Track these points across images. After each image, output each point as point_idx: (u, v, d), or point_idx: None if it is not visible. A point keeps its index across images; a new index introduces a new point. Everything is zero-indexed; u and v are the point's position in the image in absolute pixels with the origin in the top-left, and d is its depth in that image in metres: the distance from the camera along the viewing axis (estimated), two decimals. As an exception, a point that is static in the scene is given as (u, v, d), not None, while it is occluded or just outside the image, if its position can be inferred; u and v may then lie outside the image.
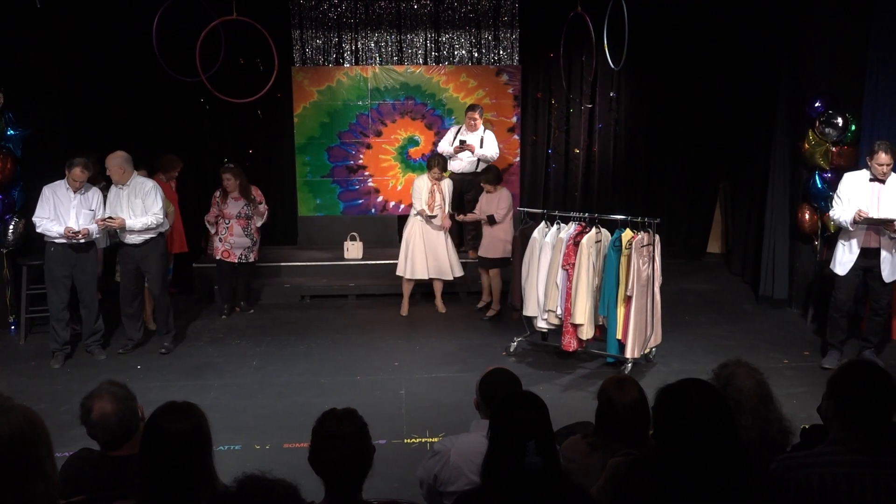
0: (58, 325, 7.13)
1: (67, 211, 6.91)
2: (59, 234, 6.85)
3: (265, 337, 7.85)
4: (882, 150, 6.43)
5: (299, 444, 5.39)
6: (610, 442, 3.29)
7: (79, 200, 6.95)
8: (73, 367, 7.08)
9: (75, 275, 7.08)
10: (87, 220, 6.97)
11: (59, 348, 7.16)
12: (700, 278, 9.63)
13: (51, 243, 6.97)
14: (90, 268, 7.16)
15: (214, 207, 8.31)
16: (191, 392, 6.49)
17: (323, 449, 2.65)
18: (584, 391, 6.36)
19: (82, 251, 7.06)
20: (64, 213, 6.89)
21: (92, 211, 7.01)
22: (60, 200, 6.91)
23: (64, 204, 6.91)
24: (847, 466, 2.67)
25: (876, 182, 6.51)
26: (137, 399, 3.16)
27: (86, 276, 7.12)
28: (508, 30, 10.30)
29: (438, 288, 8.52)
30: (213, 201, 8.32)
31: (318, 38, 10.18)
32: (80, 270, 7.08)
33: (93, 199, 7.04)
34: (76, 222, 6.90)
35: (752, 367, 3.32)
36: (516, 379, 3.53)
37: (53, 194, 6.91)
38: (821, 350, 7.19)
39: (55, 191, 6.93)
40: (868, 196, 6.53)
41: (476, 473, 2.87)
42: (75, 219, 6.91)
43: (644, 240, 6.53)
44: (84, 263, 7.09)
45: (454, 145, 9.02)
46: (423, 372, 6.93)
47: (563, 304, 6.71)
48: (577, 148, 10.59)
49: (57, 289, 7.06)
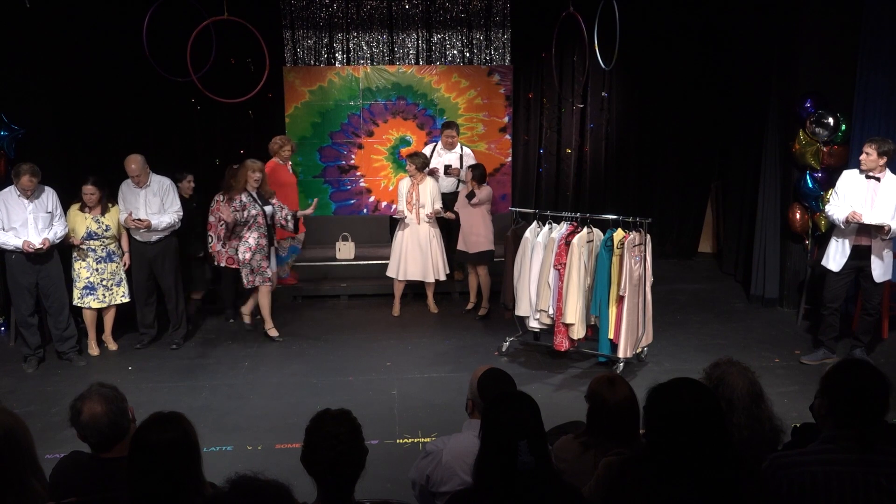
0: (27, 332, 6.98)
1: (23, 218, 6.71)
2: (16, 248, 6.66)
3: (257, 338, 7.83)
4: (867, 144, 6.55)
5: (291, 445, 5.39)
6: (602, 441, 3.30)
7: (34, 206, 6.77)
8: (64, 368, 7.05)
9: (40, 282, 6.90)
10: (46, 223, 6.81)
11: (32, 353, 7.04)
12: (691, 278, 9.65)
13: (11, 252, 6.76)
14: (55, 273, 6.97)
15: (219, 213, 7.60)
16: (182, 393, 6.47)
17: (316, 449, 2.66)
18: (575, 391, 6.36)
19: (44, 258, 6.86)
20: (19, 222, 6.69)
21: (49, 213, 6.84)
22: (14, 208, 6.71)
23: (18, 212, 6.71)
24: (839, 464, 2.68)
25: (872, 180, 6.55)
26: (127, 400, 3.14)
27: (52, 280, 6.94)
28: (500, 30, 10.31)
29: (430, 288, 8.52)
30: (214, 206, 7.63)
31: (310, 38, 10.17)
32: (45, 276, 6.90)
33: (48, 201, 6.85)
34: (35, 229, 6.73)
35: (743, 366, 3.33)
36: (510, 378, 3.53)
37: (5, 203, 6.71)
38: (813, 346, 7.22)
39: (6, 199, 6.73)
40: (863, 194, 6.57)
41: (468, 473, 2.87)
42: (34, 224, 6.74)
43: (636, 239, 6.54)
44: (49, 269, 6.91)
45: (435, 168, 8.76)
46: (416, 372, 6.93)
47: (554, 304, 6.71)
48: (568, 148, 10.60)
49: (23, 296, 6.88)
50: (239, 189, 7.35)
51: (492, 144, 10.38)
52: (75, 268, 7.15)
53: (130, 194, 7.22)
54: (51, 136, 8.25)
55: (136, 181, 7.19)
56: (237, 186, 7.37)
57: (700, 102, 10.08)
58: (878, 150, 6.48)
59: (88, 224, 7.06)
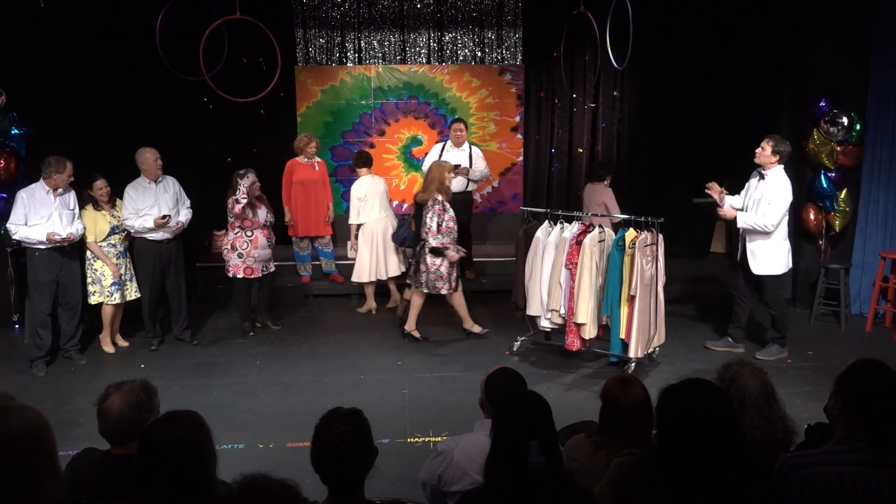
0: (44, 332, 6.94)
1: (49, 213, 6.73)
2: (41, 241, 6.67)
3: (268, 336, 7.85)
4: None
5: (302, 444, 5.38)
6: (613, 441, 3.29)
7: (59, 202, 6.81)
8: (77, 366, 7.08)
9: (61, 279, 6.91)
10: (69, 220, 6.86)
11: (42, 356, 6.97)
12: (704, 277, 9.60)
13: (35, 248, 6.77)
14: (75, 270, 7.01)
15: (238, 220, 7.50)
16: (194, 391, 6.50)
17: (321, 447, 2.66)
18: (587, 391, 6.35)
19: (67, 254, 6.91)
20: (45, 217, 6.70)
21: (71, 211, 6.89)
22: (42, 204, 6.72)
23: (44, 207, 6.72)
24: (853, 465, 2.67)
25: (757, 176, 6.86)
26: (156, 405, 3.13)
27: (71, 277, 6.97)
28: (511, 29, 10.30)
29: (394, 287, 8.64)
30: (235, 213, 7.45)
31: (322, 38, 10.19)
32: (66, 273, 6.93)
33: (70, 200, 6.91)
34: (60, 225, 6.76)
35: (756, 366, 3.32)
36: (521, 378, 3.52)
37: (31, 199, 6.71)
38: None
39: (31, 195, 6.73)
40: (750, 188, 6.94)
41: (479, 473, 2.87)
42: (59, 220, 6.76)
43: (647, 239, 6.52)
44: (69, 266, 6.94)
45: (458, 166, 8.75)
46: (426, 371, 6.92)
47: (566, 304, 6.70)
48: (580, 147, 10.58)
49: (43, 294, 6.87)
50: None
51: (503, 144, 10.37)
52: (96, 267, 7.13)
53: (141, 194, 7.17)
54: (62, 135, 8.29)
55: (156, 170, 7.17)
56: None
57: (712, 101, 10.02)
58: (773, 149, 6.66)
59: (109, 220, 7.12)
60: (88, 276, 7.15)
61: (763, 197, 6.68)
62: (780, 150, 6.64)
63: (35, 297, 6.93)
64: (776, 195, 6.63)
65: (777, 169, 6.68)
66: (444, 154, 8.86)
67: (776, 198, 6.63)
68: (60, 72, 8.30)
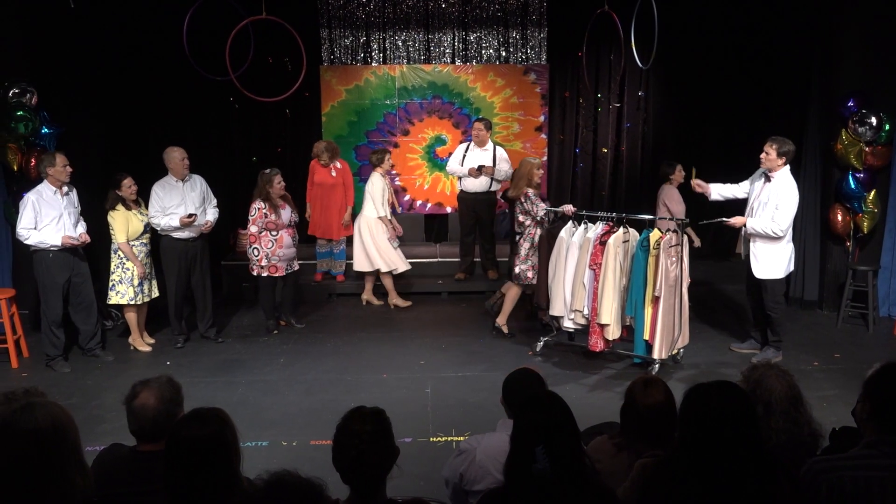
0: (59, 331, 6.99)
1: (58, 213, 6.74)
2: (53, 245, 6.70)
3: (292, 334, 7.90)
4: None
5: (326, 441, 5.39)
6: (635, 443, 3.27)
7: (67, 201, 6.84)
8: (105, 362, 7.16)
9: (73, 279, 6.95)
10: (76, 219, 6.92)
11: (60, 354, 7.03)
12: (728, 279, 9.52)
13: (48, 250, 6.76)
14: (86, 270, 7.05)
15: (262, 220, 7.54)
16: (218, 388, 6.55)
17: (340, 446, 2.67)
18: (610, 391, 6.33)
19: (79, 254, 6.96)
20: (55, 218, 6.71)
21: (77, 208, 6.95)
22: (50, 205, 6.71)
23: (55, 208, 6.73)
24: (882, 470, 2.63)
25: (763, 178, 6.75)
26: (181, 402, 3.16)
27: (84, 279, 7.02)
28: (536, 28, 10.28)
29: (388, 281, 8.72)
30: (257, 215, 7.53)
31: (347, 38, 10.23)
32: (78, 273, 6.98)
33: (75, 198, 6.96)
34: (72, 226, 6.82)
35: (782, 369, 3.29)
36: (539, 379, 3.50)
37: (38, 202, 6.67)
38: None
39: (41, 196, 6.71)
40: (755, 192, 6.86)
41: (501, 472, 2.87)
42: (68, 220, 6.80)
43: (672, 240, 6.48)
44: (80, 266, 6.99)
45: (470, 167, 8.81)
46: (449, 370, 6.93)
47: (589, 304, 6.67)
48: (604, 147, 10.53)
49: (56, 295, 6.88)
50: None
51: (527, 144, 10.35)
52: (128, 266, 7.16)
53: (168, 192, 7.22)
54: (90, 134, 8.40)
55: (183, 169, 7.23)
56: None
57: (738, 102, 9.93)
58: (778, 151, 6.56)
59: (141, 219, 7.18)
60: (117, 276, 7.17)
61: (770, 200, 6.59)
62: (785, 151, 6.55)
63: (50, 298, 6.91)
64: (784, 199, 6.54)
65: (784, 171, 6.58)
66: (468, 154, 8.86)
67: (784, 202, 6.54)
68: (90, 72, 8.40)
